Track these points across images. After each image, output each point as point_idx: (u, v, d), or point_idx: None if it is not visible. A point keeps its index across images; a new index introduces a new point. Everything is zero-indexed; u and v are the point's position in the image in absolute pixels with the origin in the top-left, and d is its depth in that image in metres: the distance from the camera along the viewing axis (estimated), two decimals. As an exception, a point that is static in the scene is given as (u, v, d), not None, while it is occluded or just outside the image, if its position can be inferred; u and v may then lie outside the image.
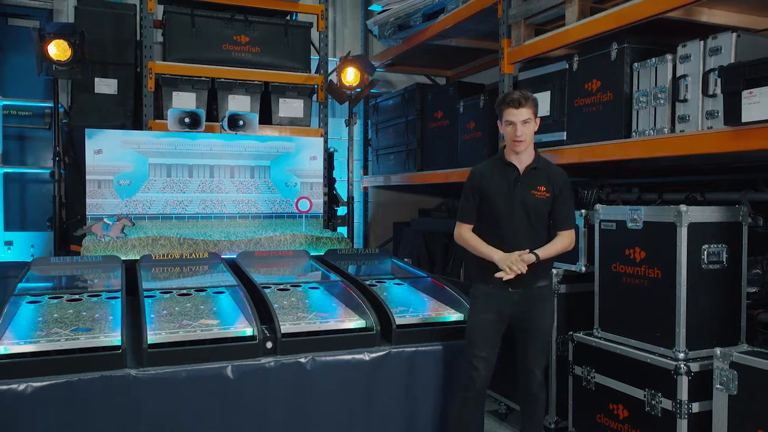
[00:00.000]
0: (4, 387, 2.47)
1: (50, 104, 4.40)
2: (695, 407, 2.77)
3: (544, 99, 3.96)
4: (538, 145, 3.96)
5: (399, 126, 5.85)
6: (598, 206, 3.27)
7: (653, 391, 2.89)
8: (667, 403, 2.82)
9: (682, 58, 3.08)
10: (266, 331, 2.95)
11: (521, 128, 2.80)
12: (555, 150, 3.82)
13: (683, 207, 2.82)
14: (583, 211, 3.46)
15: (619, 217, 3.14)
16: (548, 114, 3.92)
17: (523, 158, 2.90)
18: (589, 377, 3.25)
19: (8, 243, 5.04)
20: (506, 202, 2.87)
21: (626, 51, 3.34)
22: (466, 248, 2.99)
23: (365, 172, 6.66)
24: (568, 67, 3.74)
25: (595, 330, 3.28)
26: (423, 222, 5.87)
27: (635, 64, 3.31)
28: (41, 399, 2.50)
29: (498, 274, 2.77)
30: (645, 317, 3.01)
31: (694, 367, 2.78)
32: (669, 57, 3.14)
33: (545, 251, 2.85)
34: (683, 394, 2.76)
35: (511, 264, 2.75)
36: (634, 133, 3.32)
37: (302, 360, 2.92)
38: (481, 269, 2.95)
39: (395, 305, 3.40)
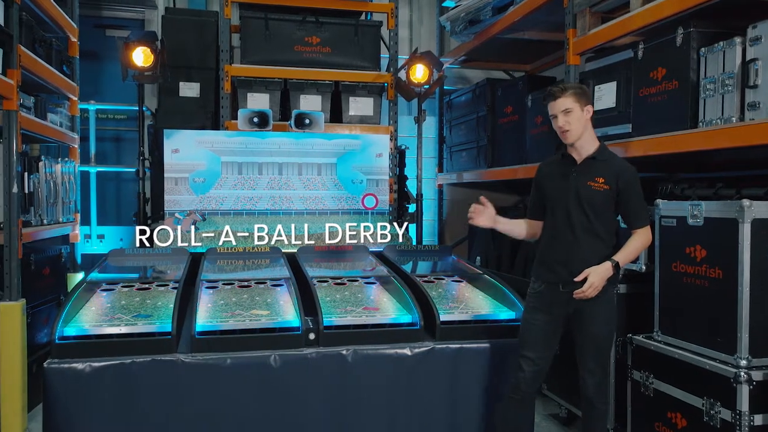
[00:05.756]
0: (66, 365, 2.71)
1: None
2: (757, 420, 2.53)
3: (610, 90, 3.78)
4: (603, 138, 3.81)
5: (470, 122, 5.77)
6: (658, 201, 3.08)
7: (712, 400, 2.68)
8: (726, 414, 2.61)
9: (752, 40, 2.83)
10: (310, 323, 3.03)
11: (562, 118, 2.76)
12: (621, 143, 3.62)
13: (746, 202, 2.59)
14: (643, 206, 3.26)
15: (680, 213, 2.93)
16: (614, 105, 3.74)
17: (582, 150, 2.84)
18: (647, 383, 3.07)
19: (100, 236, 5.50)
20: (560, 194, 2.84)
21: (692, 36, 3.11)
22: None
23: (440, 170, 6.62)
24: (633, 55, 3.54)
25: (654, 333, 3.09)
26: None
27: (702, 49, 3.08)
28: (98, 377, 2.72)
29: (577, 294, 2.72)
30: (706, 321, 2.80)
31: (757, 375, 2.54)
32: (738, 40, 2.89)
33: (624, 255, 2.75)
34: (744, 404, 2.53)
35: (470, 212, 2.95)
36: (700, 123, 3.09)
37: (344, 352, 2.97)
38: (535, 267, 2.94)
39: (446, 302, 3.38)
